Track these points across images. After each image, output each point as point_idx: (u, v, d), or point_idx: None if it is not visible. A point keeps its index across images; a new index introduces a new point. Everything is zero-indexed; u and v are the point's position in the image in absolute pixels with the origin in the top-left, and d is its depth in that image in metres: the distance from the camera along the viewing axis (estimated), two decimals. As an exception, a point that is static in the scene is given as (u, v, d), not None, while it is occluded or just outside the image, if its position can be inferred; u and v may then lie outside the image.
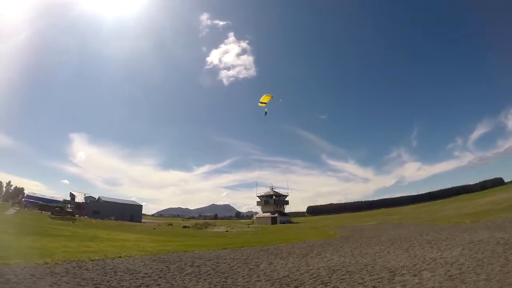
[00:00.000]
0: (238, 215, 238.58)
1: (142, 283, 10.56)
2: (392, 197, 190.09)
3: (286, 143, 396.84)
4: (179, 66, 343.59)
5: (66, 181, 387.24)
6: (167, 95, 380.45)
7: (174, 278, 11.55)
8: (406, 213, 70.02)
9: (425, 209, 72.53)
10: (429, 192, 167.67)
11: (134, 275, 11.81)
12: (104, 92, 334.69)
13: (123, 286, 10.01)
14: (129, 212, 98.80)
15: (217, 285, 10.63)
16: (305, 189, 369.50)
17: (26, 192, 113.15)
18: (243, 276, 12.21)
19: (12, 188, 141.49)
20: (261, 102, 32.13)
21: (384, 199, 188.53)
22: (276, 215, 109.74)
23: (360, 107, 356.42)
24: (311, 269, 13.31)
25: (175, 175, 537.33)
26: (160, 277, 11.60)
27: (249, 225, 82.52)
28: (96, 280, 10.46)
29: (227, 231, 58.13)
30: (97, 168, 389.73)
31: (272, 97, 33.01)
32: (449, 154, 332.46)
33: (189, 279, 11.57)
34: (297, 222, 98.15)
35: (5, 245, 15.95)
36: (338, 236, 31.49)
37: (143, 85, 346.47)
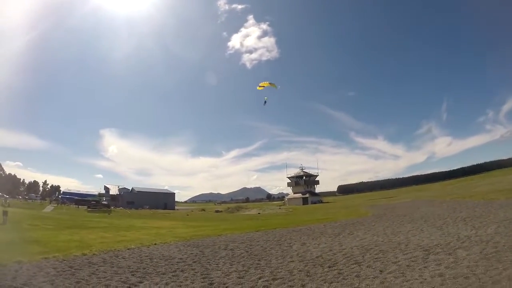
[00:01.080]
0: (269, 197, 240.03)
1: (177, 268, 10.63)
2: (423, 173, 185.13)
3: (314, 122, 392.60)
4: (201, 53, 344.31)
5: (99, 175, 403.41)
6: (191, 84, 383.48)
7: (209, 262, 11.60)
8: (438, 190, 67.97)
9: (457, 186, 70.17)
10: (461, 168, 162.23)
11: (169, 260, 11.95)
12: (131, 86, 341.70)
13: (159, 272, 10.09)
14: (163, 200, 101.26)
15: (250, 267, 10.56)
16: (335, 168, 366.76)
17: (62, 189, 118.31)
18: (276, 258, 12.10)
19: (49, 186, 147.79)
20: (259, 86, 31.38)
21: (415, 176, 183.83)
22: (307, 195, 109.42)
23: (388, 82, 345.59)
24: (344, 249, 13.04)
25: (205, 161, 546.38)
26: (195, 262, 11.68)
27: (281, 207, 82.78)
28: (133, 268, 10.61)
29: (259, 213, 58.60)
30: (128, 160, 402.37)
31: (274, 86, 32.18)
32: (481, 128, 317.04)
33: (223, 262, 11.58)
34: (328, 202, 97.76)
35: (44, 240, 16.43)
36: (370, 214, 30.93)
37: (167, 76, 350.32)
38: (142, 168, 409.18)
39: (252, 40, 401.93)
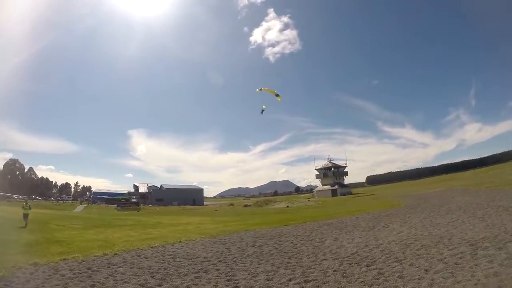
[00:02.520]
0: (298, 190, 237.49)
1: (201, 268, 9.85)
2: (453, 162, 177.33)
3: (340, 113, 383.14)
4: (223, 50, 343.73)
5: (129, 175, 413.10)
6: (216, 80, 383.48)
7: (235, 261, 10.75)
8: (470, 179, 64.22)
9: (490, 174, 66.10)
10: (492, 155, 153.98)
11: (193, 260, 11.20)
12: (156, 86, 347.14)
13: (180, 273, 9.34)
14: (191, 196, 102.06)
15: (280, 267, 9.60)
16: (362, 159, 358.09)
17: (93, 189, 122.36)
18: (308, 255, 11.08)
19: (80, 187, 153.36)
20: (259, 89, 29.82)
21: (445, 164, 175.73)
22: (336, 187, 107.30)
23: (413, 67, 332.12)
24: (381, 244, 11.91)
25: (233, 156, 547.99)
26: (220, 261, 10.86)
27: (310, 199, 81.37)
28: (153, 269, 9.94)
29: (287, 206, 57.72)
30: (157, 159, 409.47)
31: (279, 99, 30.71)
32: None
33: (251, 261, 10.69)
34: (357, 193, 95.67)
35: (68, 240, 16.13)
36: (403, 205, 29.50)
37: (191, 74, 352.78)
38: (171, 165, 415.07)
39: (273, 33, 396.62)
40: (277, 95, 30.09)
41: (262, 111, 30.55)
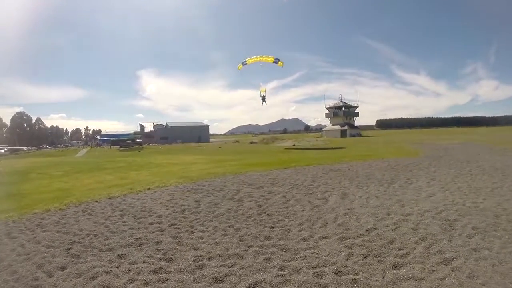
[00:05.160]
0: (307, 128, 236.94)
1: (139, 238, 6.86)
2: (465, 116, 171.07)
3: (354, 53, 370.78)
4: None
5: (140, 115, 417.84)
6: (227, 19, 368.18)
7: (192, 228, 7.54)
8: (486, 135, 58.74)
9: (508, 134, 60.93)
10: (505, 116, 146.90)
11: (141, 220, 8.36)
12: (164, 24, 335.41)
13: (106, 245, 6.50)
14: (197, 134, 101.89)
15: (251, 246, 6.16)
16: (373, 102, 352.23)
17: (102, 132, 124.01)
18: (300, 223, 7.55)
19: (90, 132, 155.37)
20: (242, 64, 25.27)
21: (458, 117, 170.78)
22: (345, 127, 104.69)
23: (434, 12, 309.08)
24: (410, 214, 7.87)
25: (243, 93, 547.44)
26: (173, 225, 7.80)
27: (318, 138, 78.53)
28: (80, 235, 7.24)
29: (294, 145, 55.14)
30: (168, 97, 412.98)
31: (280, 65, 25.97)
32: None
33: (214, 228, 7.45)
34: (367, 136, 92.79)
35: (27, 193, 13.67)
36: (421, 155, 25.73)
37: (198, 11, 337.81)
38: (182, 104, 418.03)
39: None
40: (276, 61, 25.60)
41: (263, 99, 27.06)
